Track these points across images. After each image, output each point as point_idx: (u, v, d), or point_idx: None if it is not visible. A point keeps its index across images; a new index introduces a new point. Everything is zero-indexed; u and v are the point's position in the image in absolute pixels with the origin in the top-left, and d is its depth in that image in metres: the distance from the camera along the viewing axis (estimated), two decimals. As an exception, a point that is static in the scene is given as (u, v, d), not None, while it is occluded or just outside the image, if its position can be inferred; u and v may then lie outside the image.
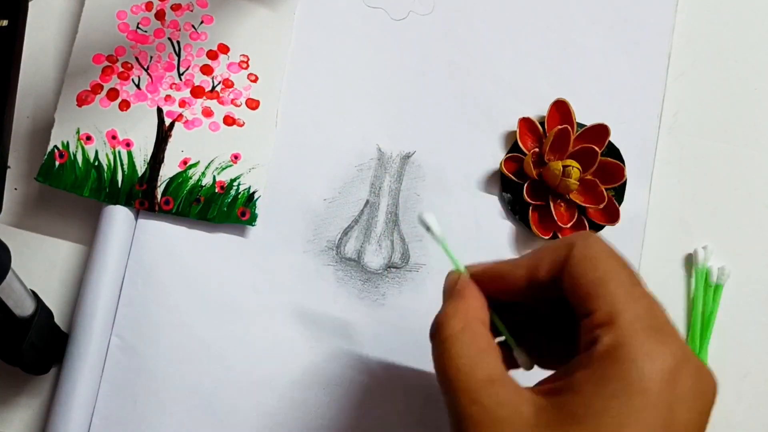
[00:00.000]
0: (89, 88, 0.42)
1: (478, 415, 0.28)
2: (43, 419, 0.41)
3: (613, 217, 0.44)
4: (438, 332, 0.30)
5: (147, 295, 0.41)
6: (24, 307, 0.36)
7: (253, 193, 0.43)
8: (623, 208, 0.44)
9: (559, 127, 0.43)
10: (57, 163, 0.42)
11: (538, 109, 0.45)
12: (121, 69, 0.43)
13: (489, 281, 0.32)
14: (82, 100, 0.42)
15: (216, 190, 0.42)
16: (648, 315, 0.28)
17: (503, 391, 0.28)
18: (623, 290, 0.28)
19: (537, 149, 0.44)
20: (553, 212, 0.43)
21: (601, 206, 0.43)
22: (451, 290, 0.33)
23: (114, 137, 0.42)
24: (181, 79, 0.43)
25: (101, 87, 0.43)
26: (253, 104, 0.44)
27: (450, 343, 0.30)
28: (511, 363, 0.32)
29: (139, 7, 0.44)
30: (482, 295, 0.32)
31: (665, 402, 0.26)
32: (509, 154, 0.45)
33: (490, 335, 0.31)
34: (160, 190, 0.42)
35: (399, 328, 0.43)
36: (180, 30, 0.44)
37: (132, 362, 0.41)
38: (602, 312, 0.28)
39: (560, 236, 0.44)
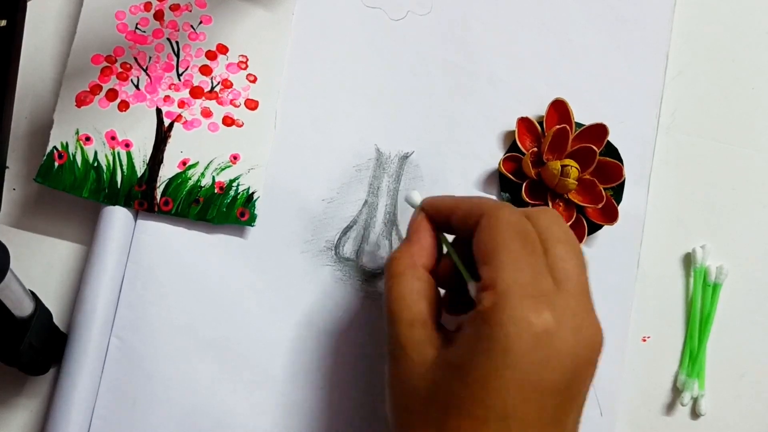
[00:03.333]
0: (88, 89, 0.42)
1: (395, 351, 0.33)
2: (42, 420, 0.40)
3: (611, 216, 0.44)
4: (385, 272, 0.35)
5: (146, 295, 0.41)
6: (23, 308, 0.36)
7: (252, 193, 0.43)
8: (622, 208, 0.44)
9: (558, 126, 0.43)
10: (56, 163, 0.42)
11: (536, 108, 0.45)
12: (119, 69, 0.43)
13: (436, 215, 0.36)
14: (80, 101, 0.42)
15: (215, 191, 0.42)
16: (528, 283, 0.30)
17: (418, 334, 0.32)
18: (510, 259, 0.31)
19: (535, 149, 0.44)
20: (552, 212, 0.43)
21: (600, 206, 0.44)
22: (408, 231, 0.37)
23: (113, 138, 0.42)
24: (180, 80, 0.43)
25: (100, 87, 0.43)
26: (252, 105, 0.44)
27: (391, 284, 0.34)
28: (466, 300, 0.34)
29: (137, 8, 0.44)
30: (432, 239, 0.36)
31: (528, 363, 0.29)
32: (508, 154, 0.45)
33: (428, 279, 0.34)
34: (159, 191, 0.42)
35: (398, 328, 0.43)
36: (179, 30, 0.44)
37: (131, 363, 0.41)
38: (486, 277, 0.31)
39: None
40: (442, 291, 0.37)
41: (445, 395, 0.30)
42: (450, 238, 0.37)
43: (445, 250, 0.37)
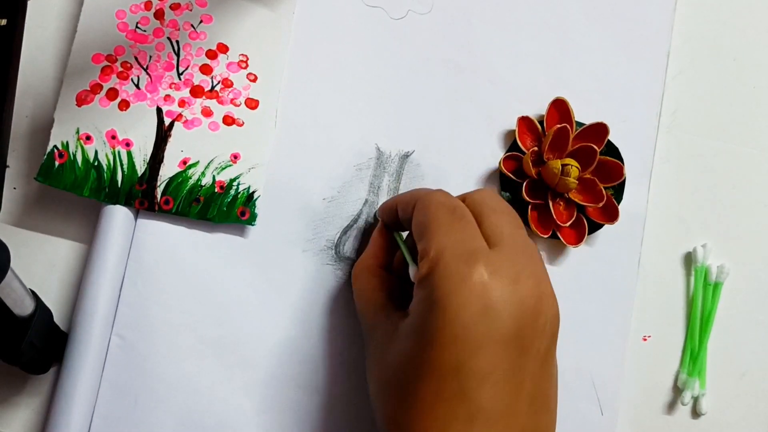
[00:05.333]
0: (88, 88, 0.42)
1: (369, 326, 0.37)
2: (43, 419, 0.41)
3: (612, 215, 0.44)
4: (352, 273, 0.40)
5: (147, 294, 0.41)
6: (23, 307, 0.36)
7: (253, 192, 0.43)
8: (622, 207, 0.44)
9: (558, 126, 0.43)
10: (57, 163, 0.42)
11: (537, 108, 0.45)
12: (120, 68, 0.43)
13: (387, 217, 0.40)
14: (81, 100, 0.42)
15: (215, 190, 0.42)
16: (458, 244, 0.32)
17: (380, 317, 0.36)
18: (440, 229, 0.33)
19: (536, 148, 0.44)
20: (552, 211, 0.43)
21: (600, 205, 0.43)
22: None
23: (113, 137, 0.42)
24: (180, 79, 0.43)
25: (100, 87, 0.43)
26: (252, 104, 0.44)
27: (354, 286, 0.40)
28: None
29: (138, 7, 0.44)
30: (383, 240, 0.40)
31: (468, 315, 0.30)
32: (508, 153, 0.45)
33: (381, 274, 0.39)
34: (159, 190, 0.42)
35: (398, 327, 0.43)
36: (179, 29, 0.44)
37: (132, 361, 0.41)
38: (421, 250, 0.34)
39: (560, 235, 0.44)
40: None
41: (407, 363, 0.32)
42: (405, 233, 0.40)
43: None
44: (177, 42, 0.44)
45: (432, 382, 0.31)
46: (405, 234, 0.41)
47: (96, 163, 0.42)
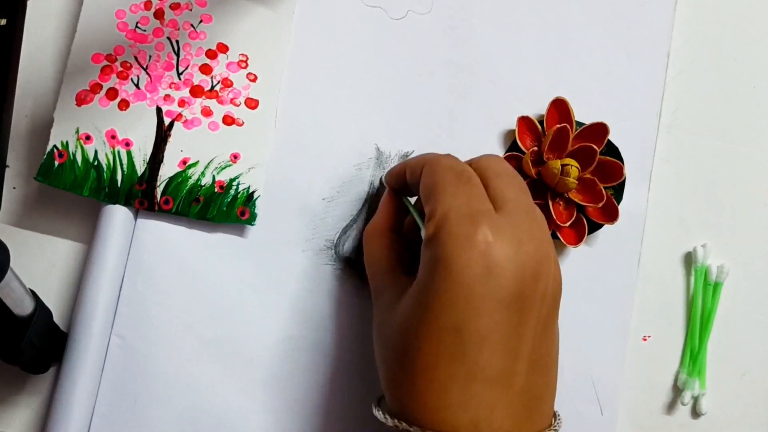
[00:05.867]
0: (88, 88, 0.42)
1: (378, 289, 0.37)
2: (42, 418, 0.41)
3: (612, 215, 0.44)
4: (363, 237, 0.41)
5: (146, 294, 0.41)
6: (23, 306, 0.36)
7: (253, 192, 0.43)
8: (622, 207, 0.44)
9: (558, 125, 0.43)
10: (56, 162, 0.42)
11: (536, 107, 0.45)
12: (120, 68, 0.43)
13: (395, 182, 0.41)
14: (81, 100, 0.42)
15: (215, 190, 0.42)
16: (464, 205, 0.33)
17: (388, 279, 0.37)
18: (446, 190, 0.34)
19: (536, 148, 0.44)
20: (552, 211, 0.43)
21: (600, 205, 0.43)
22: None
23: (113, 137, 0.42)
24: (180, 79, 0.43)
25: (100, 86, 0.43)
26: (252, 104, 0.44)
27: (365, 250, 0.40)
28: None
29: (138, 6, 0.44)
30: (392, 205, 0.41)
31: (471, 276, 0.31)
32: (508, 153, 0.45)
33: (390, 236, 0.40)
34: (159, 190, 0.42)
35: (398, 327, 0.43)
36: (179, 29, 0.44)
37: (132, 361, 0.41)
38: (428, 212, 0.34)
39: (559, 235, 0.44)
40: None
41: (409, 324, 0.33)
42: (413, 199, 0.41)
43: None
44: (177, 42, 0.44)
45: (432, 342, 0.32)
46: (413, 199, 0.41)
47: (96, 163, 0.42)
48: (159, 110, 0.43)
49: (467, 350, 0.31)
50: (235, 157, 0.43)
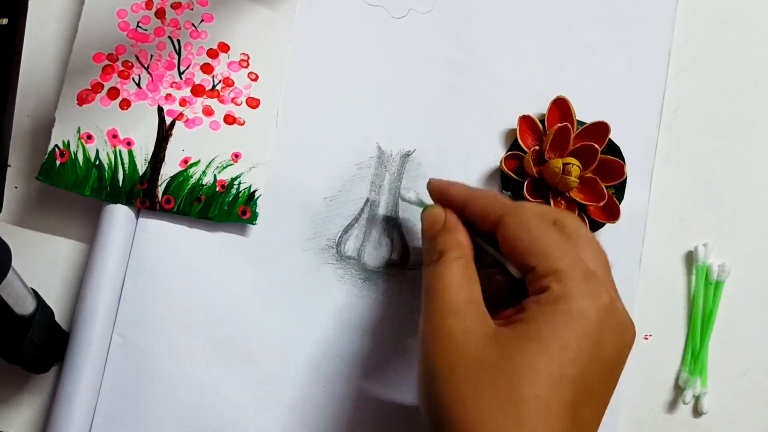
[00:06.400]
0: (90, 87, 0.42)
1: (456, 325, 0.34)
2: (44, 418, 0.41)
3: (613, 214, 0.44)
4: (440, 258, 0.37)
5: (148, 293, 0.41)
6: (24, 306, 0.36)
7: (254, 191, 0.43)
8: (623, 206, 0.44)
9: (559, 124, 0.43)
10: (58, 162, 0.42)
11: (538, 107, 0.45)
12: (121, 68, 0.43)
13: (447, 205, 0.39)
14: (82, 99, 0.42)
15: (217, 189, 0.42)
16: (580, 264, 0.34)
17: (477, 311, 0.35)
18: (557, 247, 0.35)
19: (537, 147, 0.44)
20: (554, 210, 0.43)
21: (602, 204, 0.43)
22: (439, 224, 0.39)
23: (115, 136, 0.42)
24: (181, 78, 0.43)
25: (102, 86, 0.43)
26: (253, 103, 0.44)
27: (445, 267, 0.36)
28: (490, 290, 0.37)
29: (139, 6, 0.44)
30: (466, 231, 0.38)
31: (597, 331, 0.33)
32: (509, 152, 0.45)
33: (475, 268, 0.37)
34: (160, 189, 0.42)
35: (399, 326, 0.43)
36: (180, 28, 0.44)
37: (133, 361, 0.41)
38: (543, 266, 0.34)
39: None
40: None
41: (518, 364, 0.32)
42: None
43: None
44: (178, 41, 0.44)
45: (548, 386, 0.32)
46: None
47: (97, 163, 0.42)
48: (160, 109, 0.43)
49: (576, 403, 0.32)
50: (237, 156, 0.43)
